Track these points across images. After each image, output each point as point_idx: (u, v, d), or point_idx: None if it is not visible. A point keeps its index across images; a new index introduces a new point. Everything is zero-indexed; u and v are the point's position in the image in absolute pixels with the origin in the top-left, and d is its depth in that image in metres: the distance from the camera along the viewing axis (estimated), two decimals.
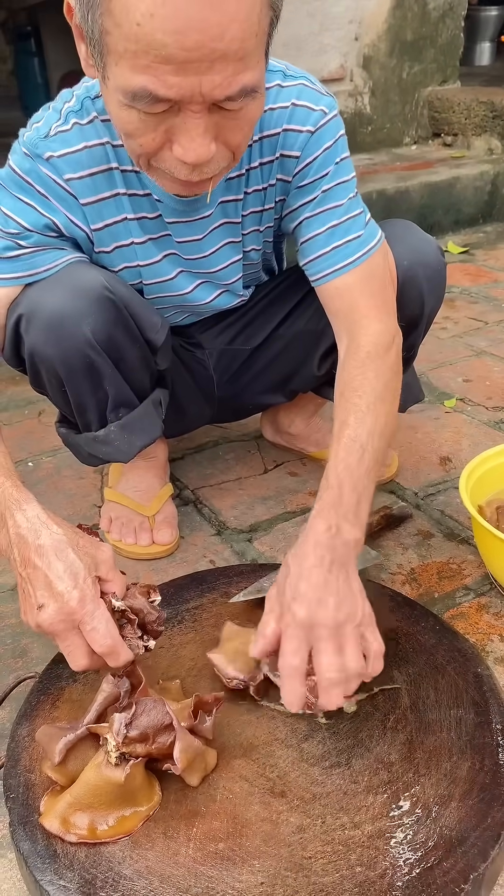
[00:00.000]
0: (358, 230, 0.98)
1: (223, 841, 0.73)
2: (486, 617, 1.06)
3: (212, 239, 1.02)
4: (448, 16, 3.11)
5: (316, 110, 0.94)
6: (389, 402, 0.93)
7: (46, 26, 4.99)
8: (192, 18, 0.64)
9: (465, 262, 2.58)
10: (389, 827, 0.73)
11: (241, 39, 0.67)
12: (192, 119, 0.72)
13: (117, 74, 0.70)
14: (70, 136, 0.91)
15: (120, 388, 1.02)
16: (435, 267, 1.10)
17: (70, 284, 0.94)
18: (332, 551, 0.79)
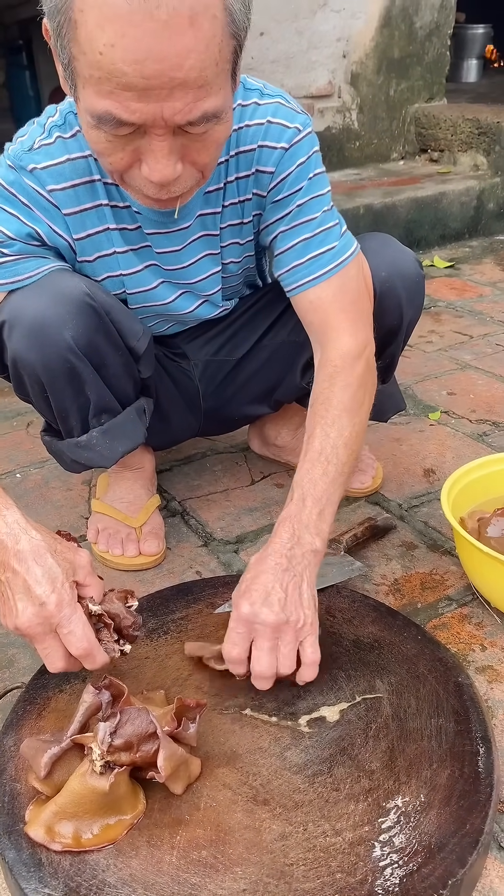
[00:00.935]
0: (332, 242, 1.01)
1: (206, 848, 0.73)
2: (468, 627, 1.08)
3: (191, 250, 1.05)
4: (434, 35, 3.16)
5: (290, 128, 0.97)
6: (356, 413, 0.97)
7: (38, 40, 5.01)
8: (150, 49, 0.67)
9: (451, 277, 2.62)
10: (370, 834, 0.74)
11: (199, 69, 0.70)
12: (157, 141, 0.75)
13: (85, 97, 0.73)
14: (53, 149, 0.94)
15: (101, 394, 1.04)
16: (413, 278, 1.13)
17: (52, 291, 0.96)
18: (290, 559, 0.87)
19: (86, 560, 0.84)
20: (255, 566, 0.88)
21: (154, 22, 0.66)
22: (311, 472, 0.92)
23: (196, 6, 0.67)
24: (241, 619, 0.85)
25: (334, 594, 1.08)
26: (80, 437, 1.07)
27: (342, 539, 1.20)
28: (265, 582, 0.86)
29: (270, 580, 0.86)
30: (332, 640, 0.99)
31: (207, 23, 0.68)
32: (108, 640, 0.82)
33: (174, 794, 0.78)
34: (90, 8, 0.67)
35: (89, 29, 0.68)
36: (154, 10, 0.65)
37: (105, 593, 0.85)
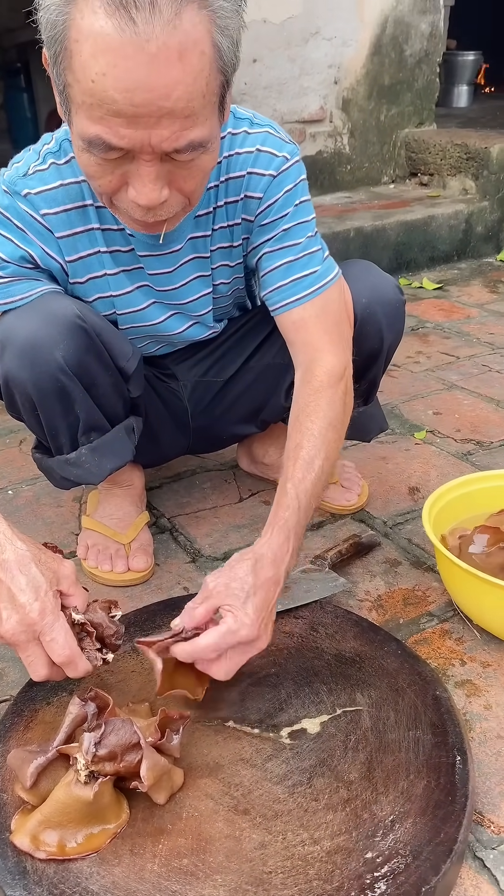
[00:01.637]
0: (315, 266, 1.05)
1: (187, 857, 0.75)
2: (449, 642, 1.10)
3: (182, 272, 1.08)
4: (424, 62, 3.23)
5: (279, 156, 1.01)
6: (338, 430, 1.01)
7: (35, 63, 5.09)
8: (140, 80, 0.71)
9: (440, 298, 2.66)
10: (347, 843, 0.76)
11: (186, 100, 0.74)
12: (145, 166, 0.78)
13: (77, 122, 0.77)
14: (47, 175, 0.97)
15: (91, 413, 1.07)
16: (393, 304, 1.17)
17: (44, 312, 0.99)
18: (284, 574, 0.90)
19: (70, 570, 0.86)
20: (253, 570, 0.88)
21: (144, 55, 0.70)
22: (304, 482, 0.94)
23: (185, 42, 0.71)
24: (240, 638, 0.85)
25: (318, 609, 1.10)
26: (70, 455, 1.10)
27: (327, 555, 1.22)
28: (266, 602, 0.87)
29: (269, 599, 0.88)
30: (315, 654, 1.01)
31: (196, 58, 0.72)
32: (90, 649, 0.84)
33: (157, 804, 0.80)
34: (85, 39, 0.71)
35: (83, 58, 0.71)
36: (145, 44, 0.69)
37: (89, 604, 0.87)
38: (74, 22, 0.71)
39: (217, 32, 0.74)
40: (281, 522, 0.92)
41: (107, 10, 0.68)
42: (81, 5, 0.70)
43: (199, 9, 0.71)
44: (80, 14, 0.70)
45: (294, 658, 1.01)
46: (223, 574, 0.89)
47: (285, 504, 0.93)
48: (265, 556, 0.90)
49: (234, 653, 0.87)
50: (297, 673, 0.98)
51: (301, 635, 1.05)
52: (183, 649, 0.86)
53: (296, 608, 1.10)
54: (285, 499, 0.94)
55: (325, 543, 1.32)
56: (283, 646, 1.03)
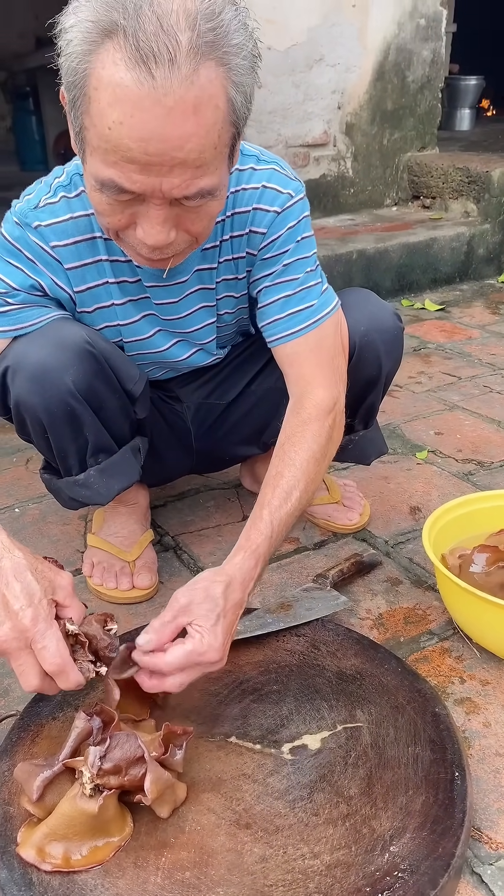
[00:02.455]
0: (311, 300, 1.08)
1: (190, 870, 0.77)
2: (449, 660, 1.12)
3: (188, 302, 1.11)
4: (426, 88, 3.29)
5: (283, 193, 1.04)
6: (320, 463, 1.04)
7: (45, 87, 5.18)
8: (155, 131, 0.74)
9: (442, 320, 2.69)
10: (347, 857, 0.78)
11: (199, 151, 0.77)
12: (154, 209, 0.81)
13: (91, 163, 0.80)
14: (57, 207, 1.00)
15: (99, 435, 1.09)
16: (391, 332, 1.19)
17: (54, 338, 1.02)
18: (247, 596, 0.92)
19: (67, 581, 0.85)
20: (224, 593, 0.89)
21: (161, 107, 0.73)
22: (280, 511, 0.97)
23: (201, 97, 0.74)
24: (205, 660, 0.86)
25: (319, 627, 1.12)
26: (78, 476, 1.12)
27: (329, 574, 1.24)
28: (232, 624, 0.89)
29: (234, 622, 0.90)
30: (316, 671, 1.03)
31: (210, 112, 0.76)
32: (83, 661, 0.83)
33: (160, 818, 0.82)
34: (104, 88, 0.73)
35: (101, 106, 0.74)
36: (162, 97, 0.72)
37: (84, 617, 0.87)
38: (95, 71, 0.73)
39: (231, 88, 0.77)
40: (253, 547, 0.94)
41: (127, 63, 0.71)
42: (103, 56, 0.73)
43: (216, 65, 0.74)
44: (101, 65, 0.73)
45: (295, 675, 1.02)
46: (196, 592, 0.89)
47: (259, 529, 0.96)
48: (235, 578, 0.92)
49: (191, 669, 0.87)
50: (298, 690, 1.00)
51: (303, 653, 1.07)
52: (145, 661, 0.86)
53: (297, 626, 1.12)
54: (260, 524, 0.96)
55: (327, 562, 1.34)
56: (284, 663, 1.05)
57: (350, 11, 2.97)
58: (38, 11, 5.58)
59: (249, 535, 0.96)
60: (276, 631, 1.10)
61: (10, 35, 5.56)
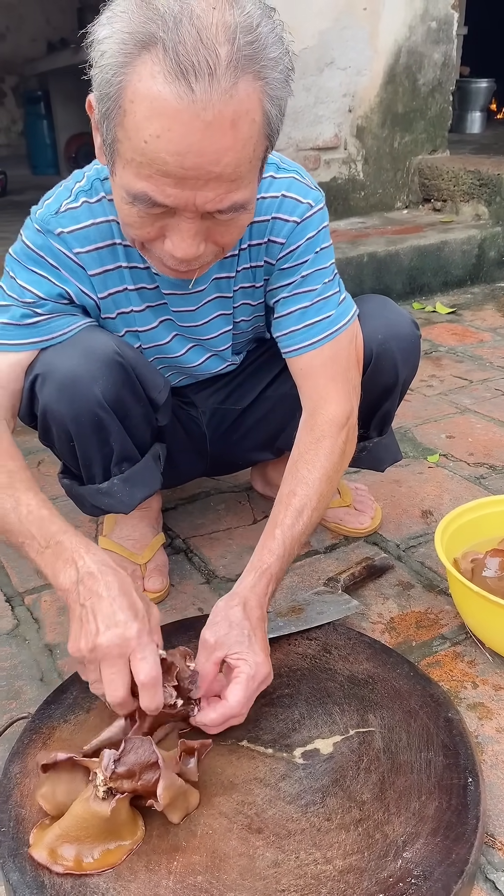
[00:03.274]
0: (329, 311, 1.07)
1: (202, 874, 0.77)
2: (461, 665, 1.11)
3: (205, 311, 1.11)
4: (437, 91, 3.28)
5: (303, 203, 1.04)
6: (332, 481, 1.05)
7: (56, 91, 5.21)
8: (192, 145, 0.73)
9: (453, 323, 2.68)
10: (359, 862, 0.77)
11: (234, 165, 0.76)
12: (186, 223, 0.81)
13: (123, 176, 0.79)
14: (79, 213, 1.00)
15: (124, 444, 1.10)
16: (409, 339, 1.19)
17: (83, 348, 1.02)
18: (263, 611, 0.95)
19: (157, 614, 0.88)
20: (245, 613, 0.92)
21: (200, 121, 0.72)
22: (293, 529, 0.99)
23: (239, 110, 0.73)
24: (261, 678, 0.89)
25: (331, 631, 1.11)
26: (102, 485, 1.13)
27: (340, 578, 1.24)
28: (264, 639, 0.92)
29: (265, 637, 0.93)
30: (328, 675, 1.03)
31: (246, 126, 0.75)
32: (167, 686, 0.85)
33: (172, 822, 0.81)
34: (141, 101, 0.73)
35: (137, 119, 0.73)
36: (201, 112, 0.71)
37: (167, 649, 0.88)
38: (132, 84, 0.72)
39: (267, 101, 0.76)
40: (264, 567, 0.96)
41: (166, 76, 0.70)
42: (140, 69, 0.71)
43: (253, 79, 0.73)
44: (138, 77, 0.72)
45: (307, 679, 1.02)
46: (219, 626, 0.92)
47: (270, 549, 0.98)
48: (249, 599, 0.94)
49: (253, 694, 0.90)
50: (310, 694, 1.00)
51: (314, 657, 1.06)
52: (212, 718, 0.88)
53: (309, 630, 1.11)
54: (272, 543, 0.98)
55: (339, 566, 1.34)
56: (296, 667, 1.05)
57: (361, 14, 2.97)
58: (49, 16, 5.62)
59: (262, 555, 0.98)
60: (287, 634, 1.10)
61: (21, 39, 5.59)
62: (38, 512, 0.90)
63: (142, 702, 0.81)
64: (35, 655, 1.17)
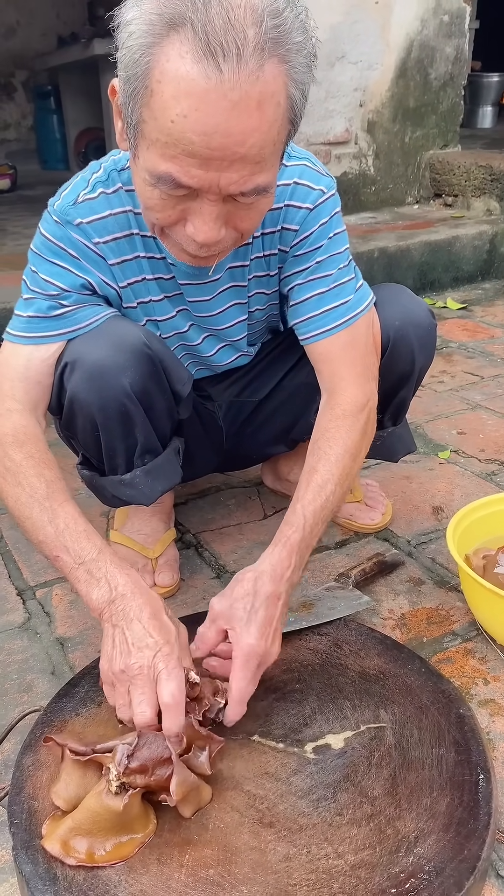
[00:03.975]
0: (346, 296, 1.07)
1: (213, 868, 0.77)
2: (472, 661, 1.11)
3: (220, 300, 1.11)
4: (449, 85, 3.27)
5: (315, 189, 1.04)
6: (355, 457, 1.04)
7: (66, 86, 5.21)
8: (219, 125, 0.73)
9: (464, 318, 2.67)
10: (371, 857, 0.77)
11: (259, 147, 0.76)
12: (208, 205, 0.81)
13: (147, 157, 0.79)
14: (96, 203, 1.00)
15: (148, 436, 1.10)
16: (425, 327, 1.19)
17: (112, 339, 1.02)
18: (286, 590, 0.94)
19: (185, 635, 0.89)
20: (254, 587, 0.92)
21: (226, 101, 0.72)
22: (314, 504, 0.98)
23: (265, 92, 0.74)
24: (256, 657, 0.89)
25: (342, 627, 1.11)
26: (124, 476, 1.13)
27: (351, 573, 1.24)
28: (269, 614, 0.91)
29: (272, 612, 0.91)
30: (339, 671, 1.03)
31: (272, 108, 0.76)
32: (192, 712, 0.86)
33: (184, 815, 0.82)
34: (169, 81, 0.73)
35: (164, 98, 0.74)
36: (228, 92, 0.72)
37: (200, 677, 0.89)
38: (159, 64, 0.73)
39: (292, 85, 0.77)
40: (284, 539, 0.96)
41: (194, 56, 0.71)
42: (168, 49, 0.72)
43: (279, 62, 0.74)
44: (165, 57, 0.72)
45: (318, 674, 1.02)
46: (226, 596, 0.93)
47: (291, 522, 0.97)
48: (265, 572, 0.93)
49: (245, 671, 0.89)
50: (321, 689, 0.99)
51: (325, 652, 1.06)
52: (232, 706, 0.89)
53: (320, 625, 1.11)
54: (293, 517, 0.98)
55: (349, 562, 1.34)
56: (307, 662, 1.05)
57: (373, 8, 2.96)
58: (60, 10, 5.61)
59: (283, 529, 0.97)
60: (298, 630, 1.10)
61: (32, 34, 5.59)
62: (74, 527, 0.92)
63: (164, 723, 0.82)
64: (46, 649, 1.17)
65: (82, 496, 1.57)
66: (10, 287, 2.19)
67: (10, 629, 1.22)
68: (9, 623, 1.23)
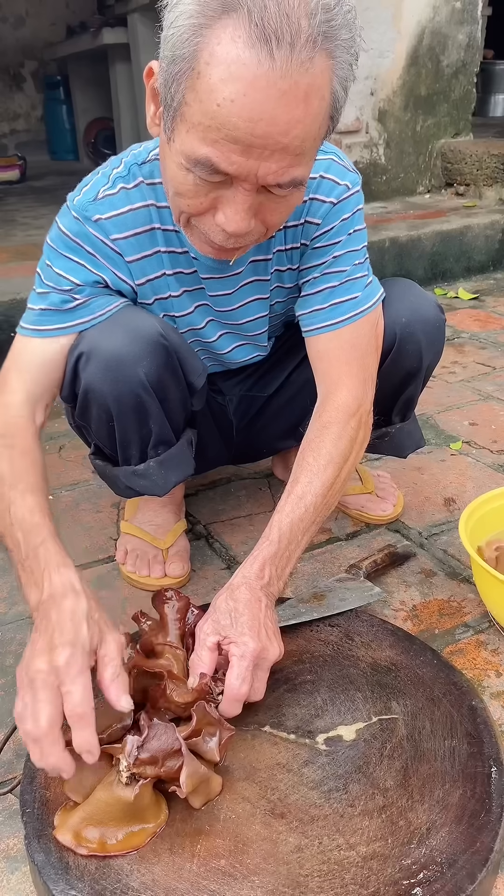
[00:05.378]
0: (355, 292, 1.07)
1: (225, 858, 0.77)
2: (484, 653, 1.10)
3: (241, 294, 1.10)
4: (461, 73, 3.23)
5: (340, 185, 1.03)
6: (340, 466, 1.03)
7: (75, 76, 5.19)
8: (266, 112, 0.72)
9: (475, 308, 2.66)
10: (383, 849, 0.77)
11: (301, 139, 0.76)
12: (242, 194, 0.80)
13: (185, 140, 0.78)
14: (116, 199, 0.99)
15: (163, 427, 1.09)
16: (433, 323, 1.18)
17: (128, 328, 1.02)
18: (265, 596, 0.93)
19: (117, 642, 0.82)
20: (230, 598, 0.92)
21: (275, 89, 0.72)
22: (291, 516, 0.99)
23: (312, 84, 0.73)
24: (250, 655, 0.87)
25: (353, 618, 1.11)
26: (138, 466, 1.12)
27: (362, 565, 1.23)
28: (255, 616, 0.90)
29: (258, 614, 0.90)
30: (350, 662, 1.02)
31: (317, 101, 0.75)
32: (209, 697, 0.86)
33: None
34: (218, 63, 0.72)
35: (212, 81, 0.73)
36: (279, 80, 0.71)
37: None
38: (209, 46, 0.72)
39: (336, 81, 0.76)
40: (256, 553, 0.97)
41: (247, 41, 0.70)
42: (220, 32, 0.71)
43: (327, 57, 0.73)
44: (216, 39, 0.71)
45: (330, 666, 1.02)
46: (208, 617, 0.93)
47: (266, 535, 0.98)
48: (237, 584, 0.93)
49: (255, 669, 0.89)
50: (332, 680, 0.99)
51: (337, 643, 1.06)
52: (226, 705, 0.87)
53: (331, 616, 1.11)
54: (269, 530, 0.99)
55: (360, 553, 1.33)
56: (318, 653, 1.04)
57: None
58: (69, 0, 5.59)
59: (259, 542, 0.98)
60: (309, 621, 1.10)
61: (41, 24, 5.58)
62: (30, 518, 0.88)
63: (73, 741, 0.75)
64: None
65: (93, 487, 1.58)
66: (20, 278, 2.19)
67: (21, 620, 1.22)
68: (19, 614, 1.23)
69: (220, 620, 0.91)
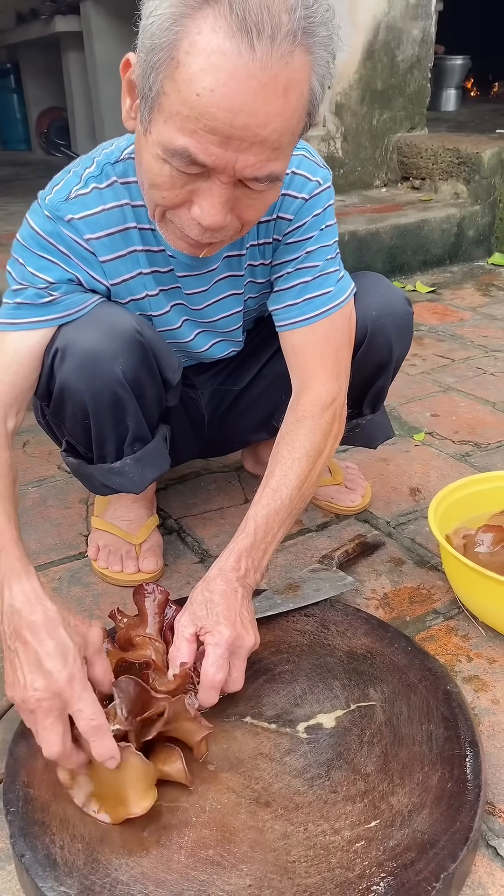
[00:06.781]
0: (328, 286, 1.08)
1: (213, 848, 0.78)
2: (455, 639, 1.13)
3: (216, 290, 1.11)
4: (416, 67, 3.27)
5: (312, 181, 1.04)
6: (315, 459, 1.05)
7: (26, 65, 5.10)
8: (245, 103, 0.73)
9: (433, 302, 2.70)
10: (367, 832, 0.79)
11: (280, 132, 0.76)
12: (219, 187, 0.80)
13: (163, 131, 0.78)
14: (88, 199, 0.98)
15: (139, 424, 1.09)
16: (402, 316, 1.20)
17: (104, 326, 1.01)
18: (241, 587, 0.95)
19: (98, 637, 0.83)
20: (206, 590, 0.93)
21: (255, 81, 0.72)
22: (267, 510, 1.00)
23: (292, 79, 0.74)
24: (224, 643, 0.88)
25: (328, 608, 1.13)
26: (114, 464, 1.12)
27: (334, 555, 1.25)
28: (231, 606, 0.92)
29: (234, 604, 0.92)
30: (327, 651, 1.04)
31: (296, 96, 0.76)
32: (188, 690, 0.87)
33: (181, 798, 0.82)
34: (198, 53, 0.72)
35: (192, 71, 0.72)
36: (258, 72, 0.71)
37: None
38: (189, 35, 0.72)
39: (314, 78, 0.77)
40: (232, 545, 0.98)
41: (228, 31, 0.70)
42: (200, 21, 0.71)
43: (305, 53, 0.74)
44: (197, 29, 0.71)
45: (307, 655, 1.03)
46: (186, 608, 0.94)
47: (242, 528, 1.00)
48: (213, 576, 0.95)
49: (232, 658, 0.91)
50: (310, 669, 1.01)
51: (313, 633, 1.08)
52: (203, 693, 0.89)
53: (306, 606, 1.13)
54: (245, 523, 1.00)
55: (331, 543, 1.35)
56: (295, 643, 1.06)
57: None
58: None
59: (235, 535, 0.99)
60: (285, 612, 1.11)
61: None
62: None
63: (93, 752, 0.77)
64: None
65: (60, 483, 1.57)
66: None
67: None
68: None
69: (196, 612, 0.92)
